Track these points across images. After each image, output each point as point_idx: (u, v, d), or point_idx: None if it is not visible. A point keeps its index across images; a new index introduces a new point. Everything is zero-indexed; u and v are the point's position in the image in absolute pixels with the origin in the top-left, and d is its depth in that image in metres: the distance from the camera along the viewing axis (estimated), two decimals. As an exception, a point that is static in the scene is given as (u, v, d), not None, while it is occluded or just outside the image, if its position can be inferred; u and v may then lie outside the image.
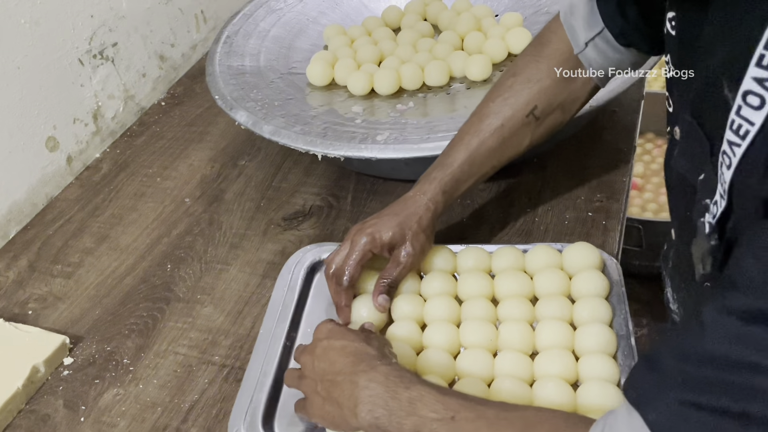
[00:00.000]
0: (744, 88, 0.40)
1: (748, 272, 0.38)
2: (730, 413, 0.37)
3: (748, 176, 0.42)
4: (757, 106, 0.39)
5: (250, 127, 0.89)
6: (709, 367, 0.38)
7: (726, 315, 0.38)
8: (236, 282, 0.84)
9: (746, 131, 0.40)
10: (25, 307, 0.85)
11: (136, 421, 0.70)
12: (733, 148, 0.42)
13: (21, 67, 0.95)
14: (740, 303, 0.38)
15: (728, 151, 0.43)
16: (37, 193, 1.00)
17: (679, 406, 0.39)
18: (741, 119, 0.41)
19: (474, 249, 0.76)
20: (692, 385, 0.39)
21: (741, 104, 0.41)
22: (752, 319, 0.37)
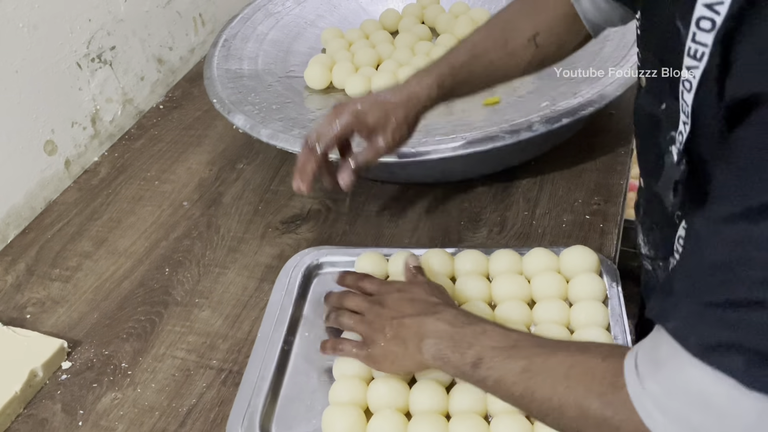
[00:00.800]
0: (697, 14, 0.43)
1: (721, 181, 0.42)
2: (735, 303, 0.40)
3: (707, 95, 0.45)
4: (709, 29, 0.43)
5: (248, 131, 0.89)
6: (714, 272, 0.41)
7: (713, 224, 0.42)
8: (234, 285, 0.84)
9: (702, 53, 0.44)
10: (23, 311, 0.85)
11: (134, 425, 0.70)
12: (692, 71, 0.45)
13: (19, 71, 0.95)
14: (721, 210, 0.41)
15: (688, 77, 0.46)
16: (35, 196, 1.00)
17: (693, 309, 0.42)
18: (696, 44, 0.44)
19: (471, 252, 0.76)
20: (702, 290, 0.42)
21: (695, 30, 0.44)
22: (736, 220, 0.40)
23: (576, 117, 0.81)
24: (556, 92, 0.88)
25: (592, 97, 0.82)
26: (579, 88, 0.86)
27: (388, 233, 0.87)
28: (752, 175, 0.39)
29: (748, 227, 0.39)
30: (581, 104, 0.82)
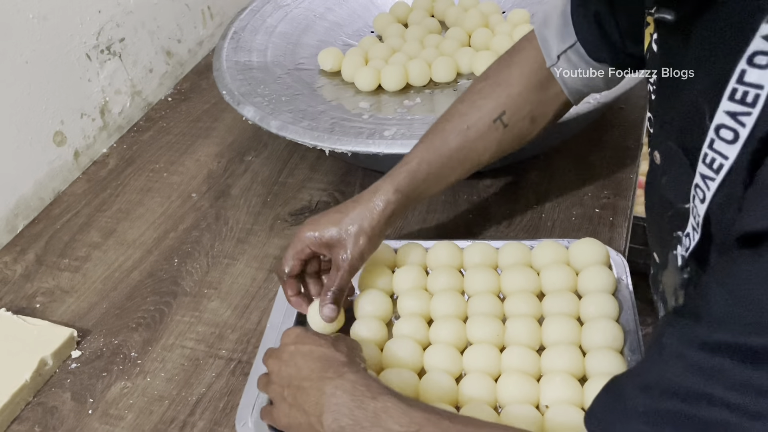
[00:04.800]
0: (717, 121, 0.39)
1: (711, 302, 0.37)
2: None
3: (724, 211, 0.41)
4: (731, 140, 0.38)
5: (258, 123, 0.89)
6: (668, 398, 0.38)
7: (687, 346, 0.37)
8: (243, 276, 0.84)
9: (720, 165, 0.40)
10: (32, 301, 0.85)
11: (144, 413, 0.70)
12: (707, 182, 0.41)
13: (29, 61, 0.96)
14: (702, 334, 0.37)
15: (701, 185, 0.42)
16: (44, 187, 1.01)
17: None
18: (714, 153, 0.40)
19: (480, 245, 0.76)
20: (651, 416, 0.38)
21: (714, 137, 0.40)
22: (712, 350, 0.36)
23: (585, 111, 0.80)
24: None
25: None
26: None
27: (397, 225, 0.87)
28: (749, 313, 0.35)
29: (732, 364, 0.35)
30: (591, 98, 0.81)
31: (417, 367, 0.66)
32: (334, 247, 0.67)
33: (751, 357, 0.35)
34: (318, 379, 0.55)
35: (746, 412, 0.35)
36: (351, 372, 0.55)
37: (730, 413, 0.35)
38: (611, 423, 0.40)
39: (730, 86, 0.38)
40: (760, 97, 0.37)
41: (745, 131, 0.37)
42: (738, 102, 0.38)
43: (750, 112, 0.37)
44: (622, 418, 0.40)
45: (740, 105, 0.38)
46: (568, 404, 0.60)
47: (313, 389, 0.55)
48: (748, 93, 0.37)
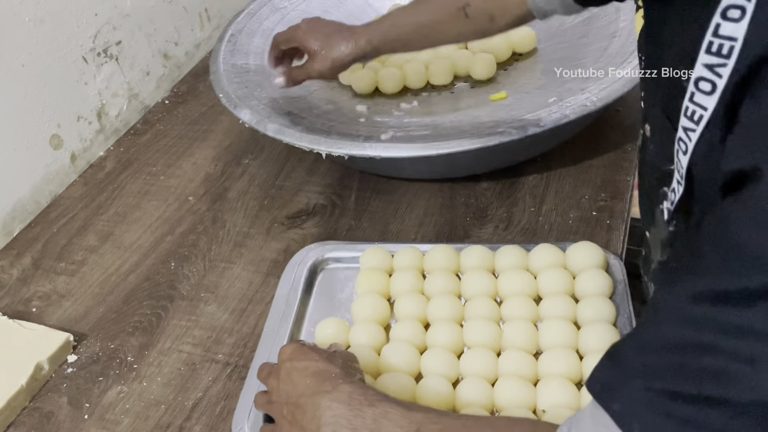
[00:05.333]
0: (696, 74, 0.41)
1: (700, 254, 0.38)
2: (688, 397, 0.37)
3: (704, 161, 0.42)
4: (709, 91, 0.40)
5: (254, 126, 0.89)
6: (665, 353, 0.38)
7: (679, 299, 0.38)
8: (240, 280, 0.84)
9: (700, 116, 0.41)
10: (29, 305, 0.85)
11: (140, 418, 0.70)
12: (689, 134, 0.43)
13: (25, 65, 0.95)
14: (693, 286, 0.38)
15: (684, 138, 0.43)
16: (41, 191, 1.00)
17: (641, 393, 0.39)
18: (694, 105, 0.41)
19: (477, 248, 0.76)
20: (651, 372, 0.39)
21: (694, 90, 0.41)
22: (702, 300, 0.37)
23: (583, 113, 0.80)
24: (563, 88, 0.88)
25: (600, 93, 0.82)
26: (586, 84, 0.85)
27: (394, 229, 0.87)
28: (735, 257, 0.36)
29: (718, 311, 0.36)
30: (589, 100, 0.81)
31: (414, 371, 0.66)
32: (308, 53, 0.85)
33: (740, 301, 0.35)
34: (313, 394, 0.55)
35: (739, 357, 0.35)
36: (346, 383, 0.55)
37: (726, 359, 0.35)
38: (611, 384, 0.41)
39: (707, 40, 0.40)
40: (735, 49, 0.38)
41: (722, 81, 0.39)
42: (714, 54, 0.39)
43: (726, 63, 0.39)
44: (621, 378, 0.40)
45: (716, 57, 0.39)
46: (566, 408, 0.60)
47: (309, 405, 0.54)
48: (723, 45, 0.39)
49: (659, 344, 0.39)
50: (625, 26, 0.95)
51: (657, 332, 0.39)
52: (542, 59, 1.02)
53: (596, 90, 0.83)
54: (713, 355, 0.36)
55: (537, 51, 1.04)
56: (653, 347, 0.39)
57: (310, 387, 0.55)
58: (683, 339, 0.37)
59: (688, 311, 0.37)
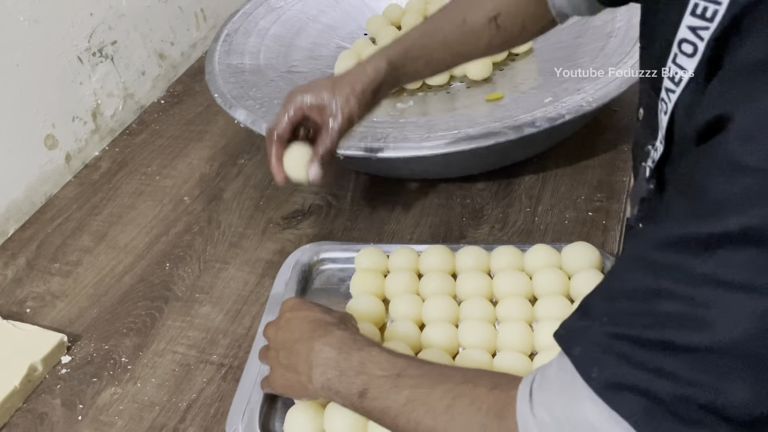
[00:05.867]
0: (680, 36, 0.41)
1: (668, 205, 0.39)
2: (646, 341, 0.37)
3: (681, 120, 0.43)
4: (690, 53, 0.41)
5: (250, 126, 0.89)
6: (627, 300, 0.39)
7: (645, 246, 0.38)
8: (235, 281, 0.83)
9: (680, 78, 0.42)
10: (23, 306, 0.84)
11: (134, 420, 0.70)
12: (669, 95, 0.43)
13: (20, 64, 0.95)
14: (658, 233, 0.38)
15: (665, 98, 0.44)
16: (35, 191, 1.00)
17: (601, 338, 0.39)
18: (676, 66, 0.42)
19: (473, 248, 0.76)
20: (612, 318, 0.39)
21: (676, 52, 0.42)
22: (664, 246, 0.37)
23: (579, 113, 0.80)
24: (559, 88, 0.88)
25: (596, 93, 0.82)
26: (582, 84, 0.85)
27: (390, 229, 0.87)
28: (699, 204, 0.36)
29: (679, 257, 0.36)
30: (585, 100, 0.81)
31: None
32: (324, 110, 0.68)
33: (702, 247, 0.35)
34: (308, 339, 0.57)
35: (698, 303, 0.35)
36: (339, 329, 0.57)
37: (684, 305, 0.36)
38: (576, 331, 0.42)
39: (692, 2, 0.40)
40: (718, 13, 0.39)
41: (703, 44, 0.40)
42: (698, 17, 0.40)
43: (708, 27, 0.39)
44: (585, 325, 0.41)
45: (700, 20, 0.40)
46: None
47: (303, 349, 0.57)
48: (707, 8, 0.39)
49: (622, 291, 0.39)
50: (621, 26, 0.95)
51: (620, 281, 0.40)
52: (538, 59, 1.02)
53: (592, 90, 0.82)
54: (673, 302, 0.36)
55: (533, 51, 1.04)
56: (614, 294, 0.40)
57: (306, 332, 0.58)
58: (645, 285, 0.38)
59: (652, 258, 0.38)
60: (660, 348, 0.37)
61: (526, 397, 0.43)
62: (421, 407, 0.49)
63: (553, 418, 0.41)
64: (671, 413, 0.36)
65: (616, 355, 0.38)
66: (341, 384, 0.54)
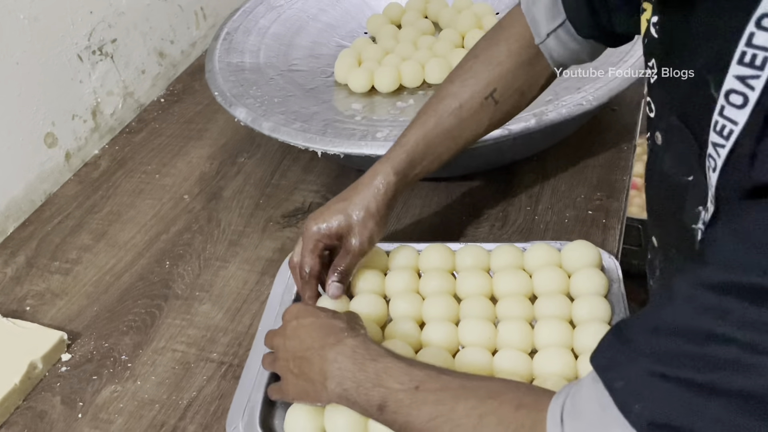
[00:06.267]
0: (726, 87, 0.39)
1: (723, 247, 0.38)
2: (696, 384, 0.37)
3: (733, 177, 0.41)
4: (740, 104, 0.38)
5: (250, 124, 0.89)
6: (677, 338, 0.38)
7: (696, 288, 0.38)
8: (235, 279, 0.84)
9: (730, 131, 0.39)
10: (22, 304, 0.84)
11: (134, 418, 0.70)
12: (718, 150, 0.41)
13: (20, 62, 0.95)
14: (711, 276, 0.38)
15: (713, 154, 0.42)
16: (35, 189, 1.00)
17: (645, 376, 0.38)
18: (724, 119, 0.40)
19: (473, 247, 0.76)
20: (660, 356, 0.38)
21: (724, 104, 0.40)
22: (722, 291, 0.37)
23: (579, 112, 0.80)
24: (559, 87, 0.87)
25: (596, 92, 0.82)
26: (582, 83, 0.85)
27: (390, 228, 0.87)
28: (756, 252, 0.36)
29: (737, 304, 0.36)
30: (584, 99, 0.81)
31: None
32: (343, 235, 0.69)
33: (760, 296, 0.35)
34: (320, 347, 0.57)
35: (755, 349, 0.35)
36: (351, 337, 0.56)
37: (740, 351, 0.35)
38: (618, 362, 0.40)
39: (739, 50, 0.38)
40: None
41: (755, 95, 0.37)
42: (747, 65, 0.38)
43: (759, 75, 0.37)
44: (629, 357, 0.40)
45: (749, 68, 0.38)
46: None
47: (316, 357, 0.57)
48: (756, 56, 0.37)
49: (670, 329, 0.39)
50: (621, 25, 0.95)
51: (670, 317, 0.39)
52: (538, 58, 1.02)
53: (592, 89, 0.82)
54: (725, 346, 0.36)
55: (533, 50, 1.03)
56: (663, 331, 0.39)
57: (316, 340, 0.57)
58: (696, 326, 0.37)
59: (704, 299, 0.37)
60: (708, 391, 0.36)
61: (557, 424, 0.43)
62: (446, 425, 0.48)
63: None
64: None
65: (660, 394, 0.38)
66: (359, 396, 0.54)
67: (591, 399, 0.41)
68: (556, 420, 0.43)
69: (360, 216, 0.68)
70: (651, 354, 0.39)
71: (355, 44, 1.08)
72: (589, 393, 0.42)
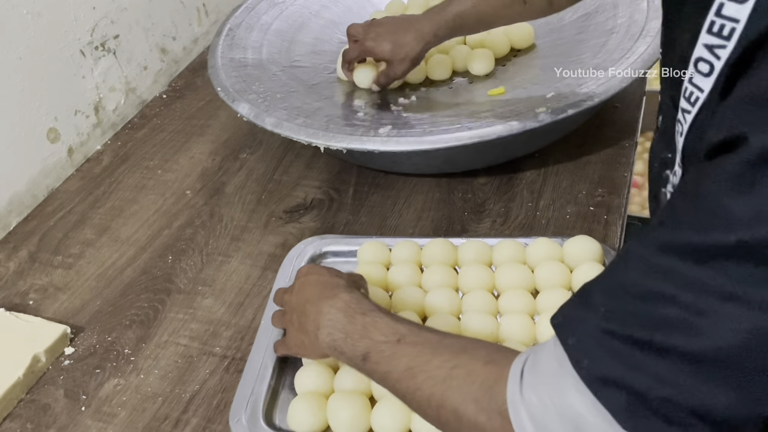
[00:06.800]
0: (696, 55, 0.41)
1: (674, 207, 0.40)
2: (640, 342, 0.38)
3: (695, 142, 0.42)
4: (707, 73, 0.40)
5: (252, 119, 0.89)
6: (627, 298, 0.40)
7: (647, 248, 0.40)
8: (237, 274, 0.84)
9: (696, 98, 0.41)
10: (25, 298, 0.85)
11: (137, 411, 0.70)
12: (685, 115, 0.43)
13: (23, 58, 0.95)
14: (661, 236, 0.39)
15: (681, 119, 0.44)
16: (37, 184, 1.00)
17: (596, 333, 0.40)
18: (692, 86, 0.41)
19: (475, 242, 0.76)
20: (610, 314, 0.40)
21: (693, 72, 0.41)
22: (669, 251, 0.38)
23: (581, 108, 0.80)
24: (561, 83, 0.88)
25: (598, 89, 0.82)
26: (584, 80, 0.86)
27: (392, 223, 0.87)
28: (708, 215, 0.37)
29: (683, 264, 0.37)
30: (587, 96, 0.81)
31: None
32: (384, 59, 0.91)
33: (702, 256, 0.36)
34: (317, 301, 0.60)
35: (696, 310, 0.36)
36: (345, 292, 0.60)
37: (681, 311, 0.37)
38: (573, 320, 0.43)
39: (709, 19, 0.39)
40: (735, 31, 0.38)
41: (720, 63, 0.39)
42: (715, 35, 0.39)
43: (725, 45, 0.38)
44: (583, 316, 0.42)
45: (717, 38, 0.39)
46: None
47: (312, 310, 0.60)
48: (724, 26, 0.38)
49: (622, 289, 0.40)
50: (622, 22, 0.95)
51: (621, 276, 0.41)
52: (540, 55, 1.02)
53: (594, 85, 0.83)
54: (670, 306, 0.37)
55: (535, 47, 1.04)
56: (615, 290, 0.41)
57: (315, 294, 0.61)
58: (645, 287, 0.39)
59: (654, 260, 0.39)
60: (651, 349, 0.38)
61: (517, 378, 0.45)
62: (420, 375, 0.51)
63: (540, 401, 0.42)
64: (654, 412, 0.38)
65: (608, 351, 0.39)
66: (346, 346, 0.57)
67: (550, 356, 0.43)
68: (517, 375, 0.45)
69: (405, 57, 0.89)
70: (603, 313, 0.41)
71: (357, 41, 1.08)
72: (549, 350, 0.44)
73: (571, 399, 0.41)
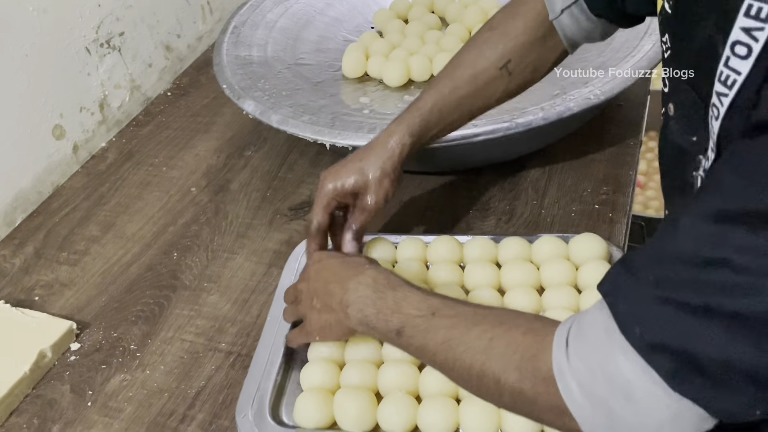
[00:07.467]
0: (733, 38, 0.41)
1: (722, 180, 0.40)
2: (693, 307, 0.39)
3: (734, 122, 0.42)
4: (744, 55, 0.40)
5: (258, 116, 0.89)
6: (677, 265, 0.40)
7: (696, 218, 0.40)
8: (242, 270, 0.84)
9: (734, 81, 0.41)
10: (31, 294, 0.85)
11: (143, 406, 0.70)
12: (721, 99, 0.43)
13: (29, 54, 0.95)
14: (710, 206, 0.40)
15: (716, 103, 0.44)
16: (43, 181, 1.00)
17: (647, 300, 0.41)
18: (729, 70, 0.42)
19: (481, 239, 0.76)
20: (661, 282, 0.41)
21: (729, 55, 0.41)
22: (720, 219, 0.39)
23: (586, 106, 0.81)
24: (566, 81, 0.88)
25: (603, 87, 0.82)
26: (589, 78, 0.86)
27: (397, 221, 0.87)
28: (757, 180, 0.38)
29: (734, 230, 0.38)
30: (592, 93, 0.82)
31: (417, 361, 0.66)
32: (359, 194, 0.71)
33: (755, 222, 0.37)
34: (342, 279, 0.60)
35: (751, 272, 0.37)
36: (371, 268, 0.60)
37: (735, 274, 0.38)
38: (622, 288, 0.43)
39: (746, 3, 0.40)
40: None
41: (758, 46, 0.39)
42: (753, 18, 0.40)
43: (763, 27, 0.39)
44: (632, 284, 0.42)
45: (755, 20, 0.39)
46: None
47: (337, 289, 0.60)
48: (762, 8, 0.39)
49: (671, 257, 0.41)
50: (628, 21, 0.95)
51: (670, 245, 0.42)
52: (545, 54, 1.02)
53: (600, 83, 0.83)
54: (721, 270, 0.38)
55: (540, 45, 1.04)
56: (665, 259, 0.41)
57: (338, 274, 0.61)
58: (695, 252, 0.40)
59: (703, 227, 0.39)
60: (706, 314, 0.38)
61: (562, 346, 0.45)
62: (459, 347, 0.51)
63: (588, 368, 0.43)
64: (707, 376, 0.39)
65: (661, 317, 0.40)
66: (378, 321, 0.57)
67: (596, 323, 0.44)
68: (562, 344, 0.45)
69: (376, 175, 0.70)
70: (653, 280, 0.41)
71: (362, 39, 1.08)
72: (594, 318, 0.44)
73: (620, 365, 0.41)
